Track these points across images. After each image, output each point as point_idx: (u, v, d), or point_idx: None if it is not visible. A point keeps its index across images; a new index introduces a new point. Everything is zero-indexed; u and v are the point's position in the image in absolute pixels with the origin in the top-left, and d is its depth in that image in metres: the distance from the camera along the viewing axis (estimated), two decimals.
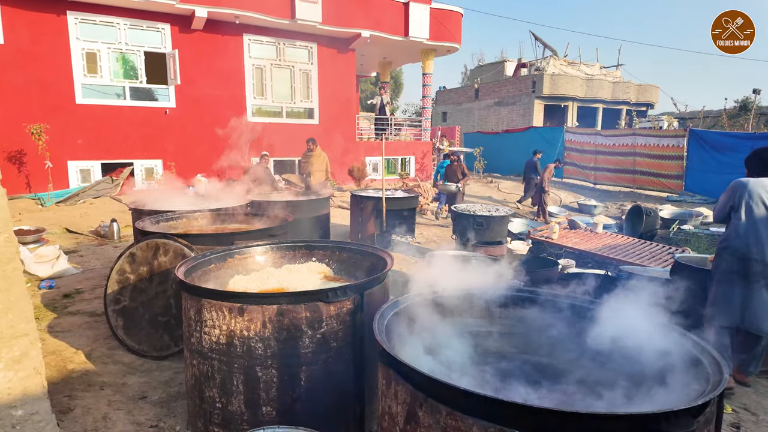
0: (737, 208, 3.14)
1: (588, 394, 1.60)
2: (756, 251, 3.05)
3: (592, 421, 1.21)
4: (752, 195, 3.09)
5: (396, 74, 32.67)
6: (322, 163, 9.39)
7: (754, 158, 3.27)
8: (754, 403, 3.09)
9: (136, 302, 3.40)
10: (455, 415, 1.31)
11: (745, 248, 3.08)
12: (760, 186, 3.10)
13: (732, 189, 3.20)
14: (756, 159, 3.25)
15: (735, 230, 3.14)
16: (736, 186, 3.18)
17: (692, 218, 9.39)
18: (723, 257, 3.22)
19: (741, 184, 3.16)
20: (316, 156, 9.32)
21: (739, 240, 3.11)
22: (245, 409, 2.23)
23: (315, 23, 12.06)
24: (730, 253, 3.16)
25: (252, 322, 2.15)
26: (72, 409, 2.66)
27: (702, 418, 1.27)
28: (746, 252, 3.08)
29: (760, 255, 3.04)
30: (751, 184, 3.12)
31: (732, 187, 3.21)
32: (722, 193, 3.31)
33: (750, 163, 3.29)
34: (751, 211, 3.08)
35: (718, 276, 3.24)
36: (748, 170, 3.30)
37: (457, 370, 1.82)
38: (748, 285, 3.09)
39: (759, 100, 21.09)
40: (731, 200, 3.19)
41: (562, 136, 16.07)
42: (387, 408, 1.59)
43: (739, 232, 3.11)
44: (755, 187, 3.10)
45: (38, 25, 9.70)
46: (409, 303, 2.02)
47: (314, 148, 9.36)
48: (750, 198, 3.09)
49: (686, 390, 1.48)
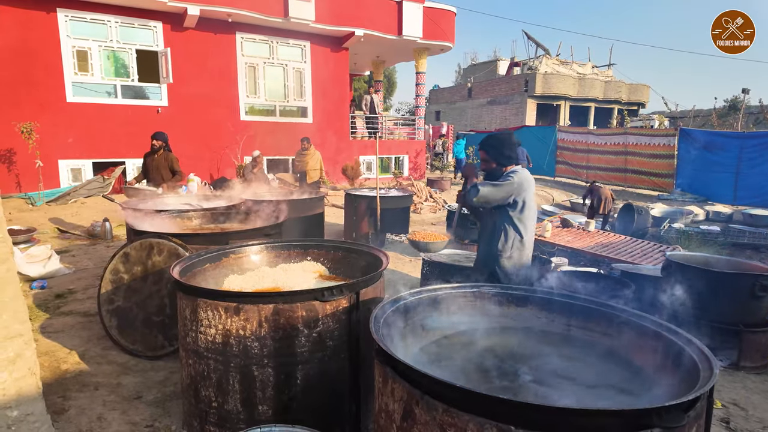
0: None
1: (579, 391, 1.63)
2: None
3: (584, 417, 1.23)
4: None
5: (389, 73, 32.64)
6: (316, 162, 9.39)
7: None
8: (744, 398, 3.14)
9: (130, 302, 3.39)
10: (452, 411, 1.32)
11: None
12: None
13: None
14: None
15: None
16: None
17: (683, 216, 9.49)
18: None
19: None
20: (310, 155, 9.31)
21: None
22: (241, 408, 2.23)
23: (308, 21, 12.03)
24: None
25: (248, 321, 2.16)
26: (66, 409, 2.65)
27: (692, 413, 1.30)
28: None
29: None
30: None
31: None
32: None
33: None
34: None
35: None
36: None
37: (452, 368, 1.84)
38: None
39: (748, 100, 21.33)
40: None
41: (554, 135, 16.17)
42: (384, 405, 1.60)
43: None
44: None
45: (28, 23, 9.59)
46: (405, 301, 2.04)
47: (308, 146, 9.35)
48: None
49: (676, 385, 1.51)
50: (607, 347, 1.89)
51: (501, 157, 2.91)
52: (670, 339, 1.68)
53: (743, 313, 3.54)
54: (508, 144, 2.90)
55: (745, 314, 3.53)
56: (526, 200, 2.85)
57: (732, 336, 3.56)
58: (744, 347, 3.53)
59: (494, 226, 2.96)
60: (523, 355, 1.96)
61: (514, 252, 2.92)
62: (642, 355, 1.72)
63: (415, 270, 5.82)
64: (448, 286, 2.25)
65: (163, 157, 6.18)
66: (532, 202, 2.89)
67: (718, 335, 3.53)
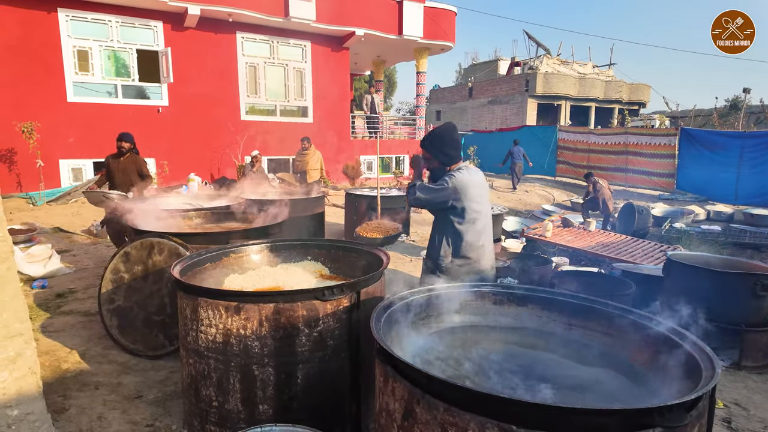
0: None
1: (581, 390, 1.62)
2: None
3: (586, 416, 1.23)
4: None
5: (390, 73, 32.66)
6: (317, 162, 9.38)
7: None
8: (745, 398, 3.14)
9: (131, 301, 3.39)
10: (453, 411, 1.32)
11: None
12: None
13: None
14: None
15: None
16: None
17: (683, 216, 9.49)
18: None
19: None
20: (311, 155, 9.31)
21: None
22: (242, 407, 2.23)
23: (309, 21, 12.03)
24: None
25: (248, 320, 2.15)
26: (67, 408, 2.65)
27: (694, 413, 1.29)
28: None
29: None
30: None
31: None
32: None
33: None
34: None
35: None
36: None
37: (453, 367, 1.84)
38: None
39: (749, 99, 21.32)
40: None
41: (555, 135, 16.16)
42: (384, 405, 1.60)
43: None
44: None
45: (29, 23, 9.59)
46: (405, 300, 2.03)
47: (309, 146, 9.35)
48: None
49: (678, 385, 1.50)
50: (608, 346, 1.89)
51: (442, 156, 2.69)
52: (672, 338, 1.67)
53: (745, 313, 3.53)
54: (448, 141, 2.68)
55: (746, 314, 3.52)
56: (468, 205, 2.61)
57: (733, 336, 3.55)
58: (745, 347, 3.53)
59: (434, 230, 2.79)
60: (524, 355, 1.96)
61: (456, 260, 2.67)
62: (644, 354, 1.72)
63: (415, 270, 5.82)
64: (448, 285, 2.25)
65: (131, 160, 5.69)
66: (478, 205, 2.65)
67: (720, 335, 3.51)
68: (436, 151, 2.70)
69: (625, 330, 1.86)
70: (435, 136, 2.74)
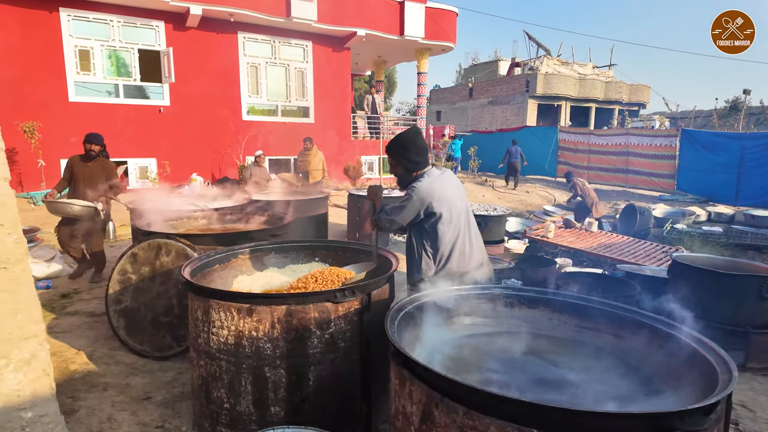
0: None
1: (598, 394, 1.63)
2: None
3: (607, 419, 1.23)
4: None
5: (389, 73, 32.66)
6: (319, 162, 9.39)
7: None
8: (751, 400, 3.15)
9: (138, 302, 3.39)
10: (472, 414, 1.33)
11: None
12: None
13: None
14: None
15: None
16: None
17: (685, 217, 9.50)
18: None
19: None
20: (313, 155, 9.31)
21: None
22: (253, 409, 2.23)
23: (310, 21, 12.03)
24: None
25: (261, 322, 2.16)
26: (76, 410, 2.65)
27: (713, 416, 1.30)
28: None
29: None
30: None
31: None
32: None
33: None
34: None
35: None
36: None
37: (468, 369, 1.84)
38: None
39: (749, 101, 21.36)
40: None
41: (556, 136, 16.18)
42: (401, 408, 1.60)
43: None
44: None
45: (30, 22, 9.58)
46: (418, 303, 2.04)
47: (311, 147, 9.35)
48: None
49: (694, 388, 1.51)
50: (622, 350, 1.90)
51: (406, 162, 2.62)
52: (686, 342, 1.68)
53: (750, 315, 3.54)
54: (413, 147, 2.60)
55: (752, 316, 3.53)
56: (440, 208, 2.54)
57: (739, 337, 3.56)
58: (751, 349, 3.53)
59: (410, 247, 2.71)
60: (536, 358, 1.96)
61: (440, 270, 2.59)
62: (658, 357, 1.72)
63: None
64: (460, 287, 2.25)
65: (100, 165, 5.10)
66: (451, 208, 2.57)
67: (725, 337, 3.51)
68: (400, 158, 2.63)
69: (639, 333, 1.87)
70: (399, 142, 2.64)
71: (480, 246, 2.74)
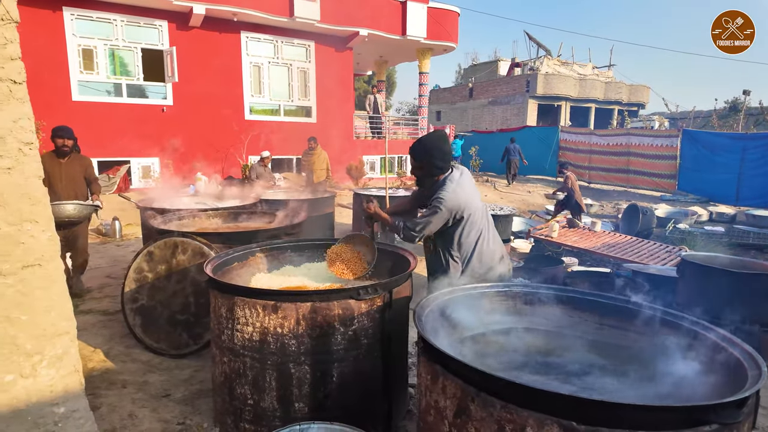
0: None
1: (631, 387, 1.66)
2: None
3: (645, 412, 1.26)
4: None
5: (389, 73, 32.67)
6: (323, 162, 9.39)
7: None
8: (764, 397, 3.18)
9: (154, 300, 3.40)
10: (510, 408, 1.35)
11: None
12: None
13: None
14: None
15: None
16: None
17: (687, 217, 9.55)
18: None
19: None
20: (317, 155, 9.31)
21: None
22: (278, 405, 2.26)
23: (313, 21, 12.05)
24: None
25: (286, 319, 2.18)
26: (98, 407, 2.67)
27: (746, 410, 1.33)
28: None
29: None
30: None
31: None
32: None
33: None
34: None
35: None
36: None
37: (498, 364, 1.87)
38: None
39: (749, 101, 21.47)
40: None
41: (556, 136, 16.23)
42: (433, 403, 1.63)
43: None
44: None
45: (34, 21, 9.56)
46: (442, 300, 2.06)
47: (315, 146, 9.35)
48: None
49: (725, 384, 1.54)
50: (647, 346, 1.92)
51: (430, 167, 2.62)
52: (713, 339, 1.71)
53: (760, 314, 3.57)
54: (438, 153, 2.59)
55: (762, 314, 3.57)
56: (465, 215, 2.57)
57: (749, 336, 3.59)
58: (762, 347, 3.57)
59: (433, 246, 2.72)
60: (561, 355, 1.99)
61: (465, 268, 2.63)
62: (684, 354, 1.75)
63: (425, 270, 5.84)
64: (481, 285, 2.28)
65: (76, 161, 4.57)
66: (474, 209, 2.60)
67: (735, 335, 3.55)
68: (423, 162, 2.63)
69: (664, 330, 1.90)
70: (424, 146, 2.63)
71: (498, 240, 2.79)
